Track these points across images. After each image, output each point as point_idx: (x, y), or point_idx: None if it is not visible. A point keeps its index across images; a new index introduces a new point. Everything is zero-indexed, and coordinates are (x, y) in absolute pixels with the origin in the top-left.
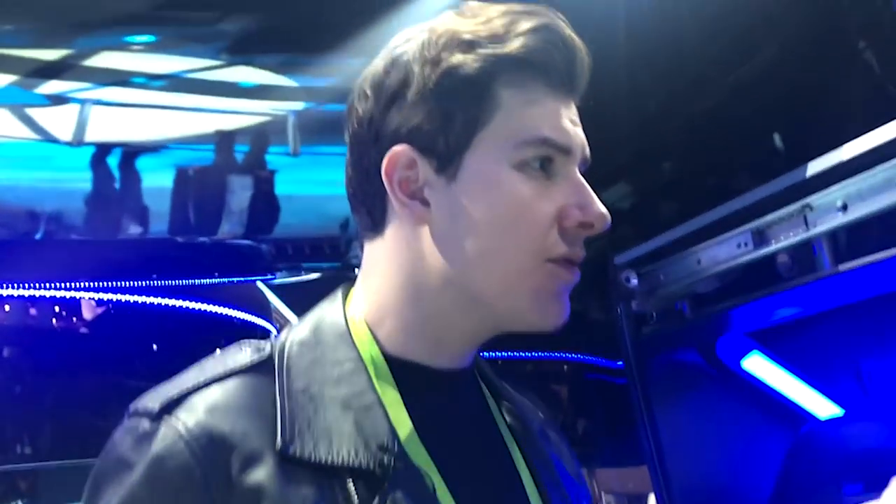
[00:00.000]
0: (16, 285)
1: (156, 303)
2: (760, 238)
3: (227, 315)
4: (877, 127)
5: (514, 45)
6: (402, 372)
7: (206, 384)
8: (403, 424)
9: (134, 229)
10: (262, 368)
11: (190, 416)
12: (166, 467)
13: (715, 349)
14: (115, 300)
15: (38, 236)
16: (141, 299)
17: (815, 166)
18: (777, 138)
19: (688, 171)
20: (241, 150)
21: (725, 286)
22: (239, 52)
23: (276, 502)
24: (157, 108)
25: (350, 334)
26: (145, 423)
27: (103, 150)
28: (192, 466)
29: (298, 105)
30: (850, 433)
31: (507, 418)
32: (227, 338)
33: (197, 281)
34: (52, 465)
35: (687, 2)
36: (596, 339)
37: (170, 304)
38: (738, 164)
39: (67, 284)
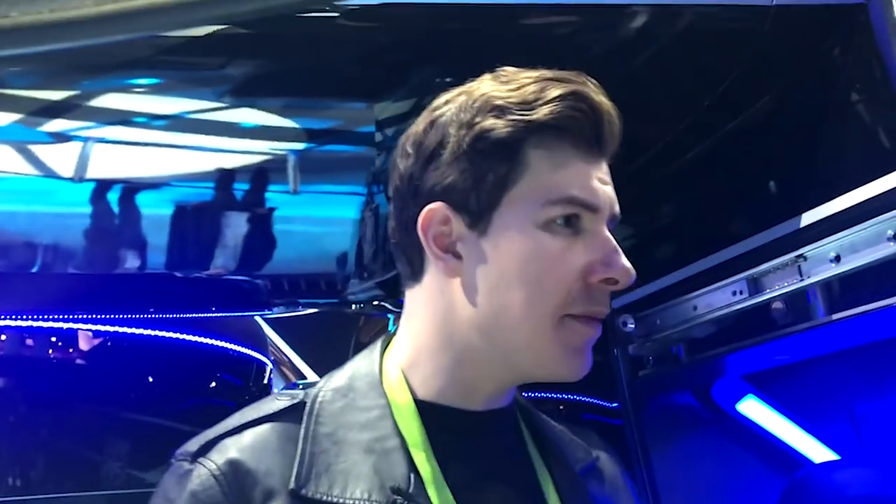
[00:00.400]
0: (14, 316)
1: (153, 335)
2: (755, 286)
3: (224, 348)
4: (869, 181)
5: (542, 112)
6: (432, 415)
7: (240, 429)
8: (427, 467)
9: (132, 263)
10: (294, 413)
11: (221, 456)
12: (201, 500)
13: (710, 392)
14: (112, 332)
15: (36, 268)
16: (138, 332)
17: (809, 217)
18: (773, 187)
19: (684, 217)
20: (240, 188)
21: (721, 331)
22: (242, 94)
23: None
24: (158, 146)
25: (381, 382)
26: (185, 465)
27: (104, 186)
28: (221, 499)
29: (299, 145)
30: (845, 478)
31: (546, 458)
32: (224, 371)
33: (194, 315)
34: (44, 499)
35: (684, 50)
36: (593, 380)
37: (167, 337)
38: (734, 212)
39: (65, 316)
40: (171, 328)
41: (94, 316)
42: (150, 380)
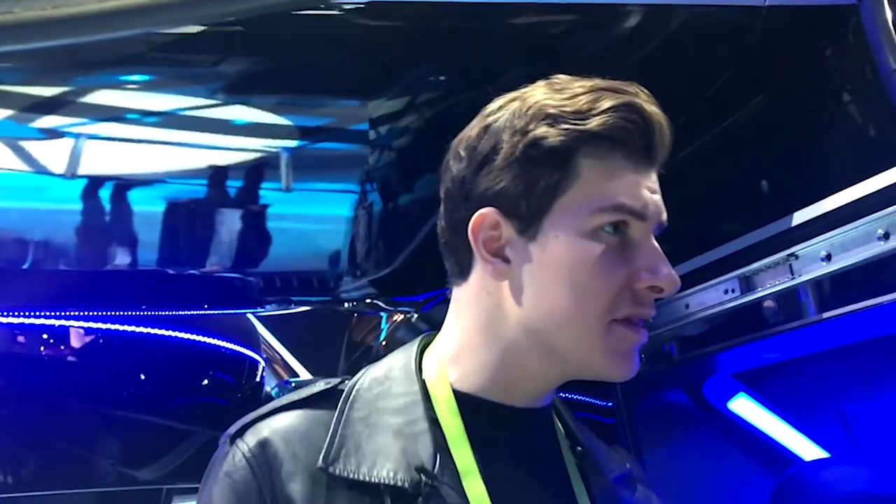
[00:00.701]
0: (5, 313)
1: (145, 333)
2: (747, 285)
3: (216, 346)
4: (859, 180)
5: (595, 122)
6: (471, 407)
7: (275, 411)
8: (463, 457)
9: (124, 260)
10: (330, 399)
11: (253, 438)
12: (234, 479)
13: (702, 391)
14: (103, 329)
15: (27, 265)
16: (130, 329)
17: (800, 217)
18: (764, 186)
19: (677, 216)
20: (233, 186)
21: (713, 330)
22: (235, 91)
23: None
24: (150, 143)
25: (416, 371)
26: (225, 447)
27: (96, 182)
28: (251, 478)
29: (292, 143)
30: (835, 476)
31: (580, 462)
32: (216, 368)
33: (187, 312)
34: (35, 496)
35: (677, 50)
36: (587, 378)
37: (159, 335)
38: (726, 211)
39: (56, 313)
40: (163, 325)
41: (85, 313)
42: (142, 377)
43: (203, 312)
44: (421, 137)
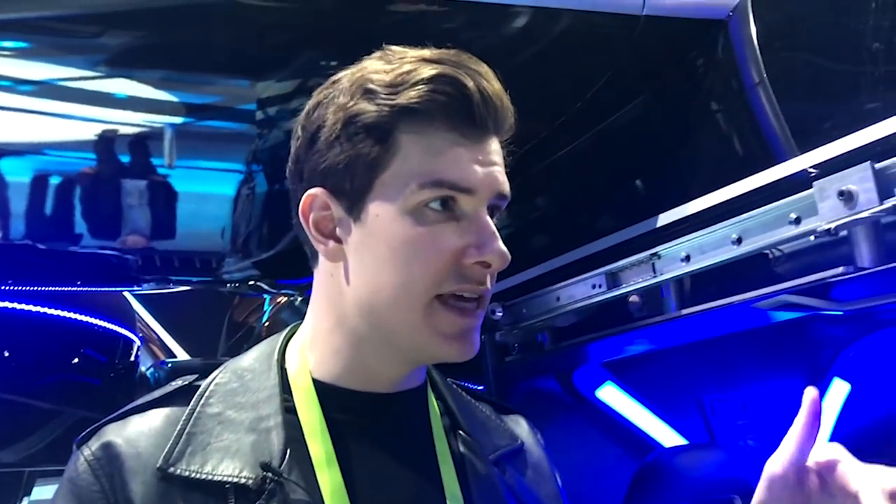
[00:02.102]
0: None
1: (11, 308)
2: (613, 280)
3: (88, 323)
4: (719, 187)
5: (407, 96)
6: (329, 396)
7: (125, 414)
8: (319, 447)
9: None
10: (185, 396)
11: (96, 442)
12: (77, 484)
13: (572, 379)
14: None
15: None
16: None
17: (664, 219)
18: (634, 187)
19: (553, 212)
20: (113, 160)
21: (582, 322)
22: (117, 65)
23: None
24: (24, 112)
25: (277, 362)
26: (75, 451)
27: None
28: (93, 481)
29: (177, 119)
30: (689, 461)
31: (455, 443)
32: (87, 346)
33: (57, 288)
34: None
35: (561, 51)
36: (461, 363)
37: (26, 310)
38: (598, 210)
39: None
40: (30, 301)
41: None
42: (6, 354)
43: (75, 289)
44: None
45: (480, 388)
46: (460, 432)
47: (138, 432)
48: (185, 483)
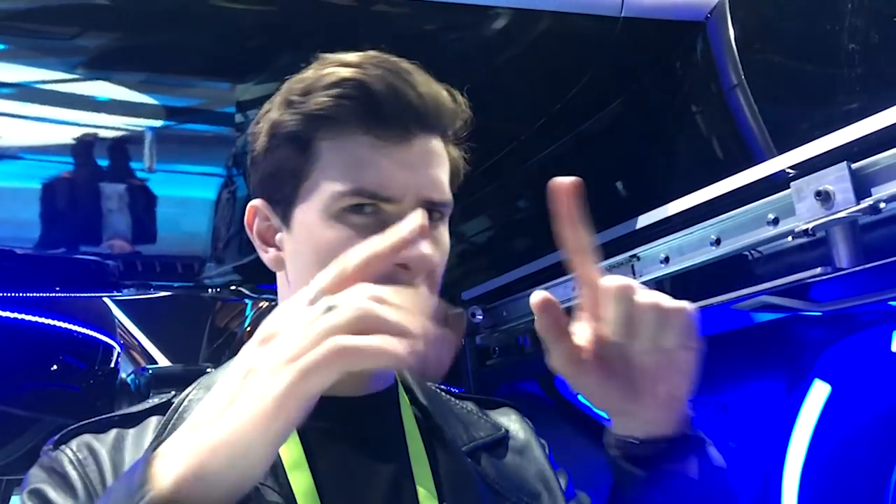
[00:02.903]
0: None
1: None
2: None
3: (67, 329)
4: (698, 188)
5: (317, 101)
6: None
7: (104, 424)
8: (290, 452)
9: None
10: (161, 411)
11: (76, 443)
12: (59, 470)
13: (554, 381)
14: None
15: None
16: None
17: (644, 220)
18: (614, 189)
19: (533, 213)
20: (92, 164)
21: None
22: (96, 67)
23: None
24: (1, 115)
25: None
26: (48, 454)
27: None
28: (76, 474)
29: (157, 122)
30: None
31: (428, 440)
32: (66, 353)
33: (36, 294)
34: None
35: (540, 53)
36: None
37: (4, 317)
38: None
39: None
40: (8, 307)
41: None
42: None
43: (54, 295)
44: None
45: (461, 390)
46: (434, 429)
47: (116, 443)
48: None
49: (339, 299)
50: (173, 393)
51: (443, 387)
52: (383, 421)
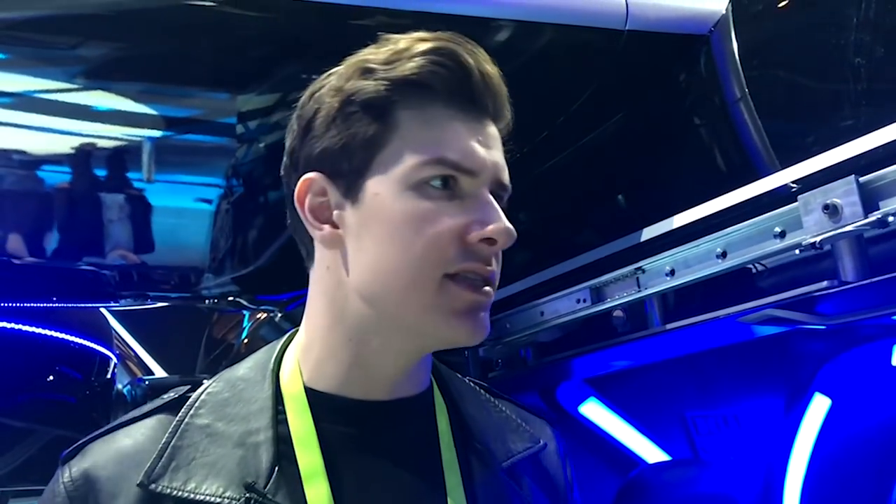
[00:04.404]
0: None
1: None
2: (598, 295)
3: (63, 340)
4: (703, 201)
5: (405, 67)
6: (322, 406)
7: (115, 428)
8: (308, 461)
9: None
10: (175, 407)
11: (77, 463)
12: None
13: (556, 394)
14: None
15: None
16: None
17: (649, 233)
18: (618, 202)
19: (537, 226)
20: (91, 174)
21: (566, 337)
22: (96, 77)
23: None
24: (1, 125)
25: (272, 372)
26: (59, 468)
27: None
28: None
29: (156, 133)
30: (673, 477)
31: (464, 452)
32: (63, 364)
33: (32, 304)
34: None
35: (544, 65)
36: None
37: (1, 327)
38: (582, 224)
39: None
40: (4, 318)
41: None
42: None
43: (51, 305)
44: None
45: None
46: (471, 441)
47: (124, 450)
48: (169, 501)
49: None
50: (190, 387)
51: (481, 383)
52: (414, 427)
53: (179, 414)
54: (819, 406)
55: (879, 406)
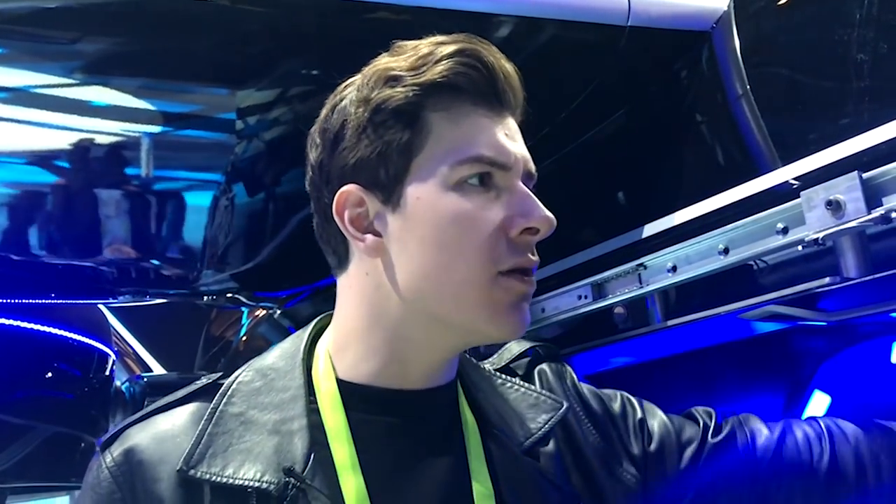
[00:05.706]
0: None
1: None
2: (599, 291)
3: (62, 336)
4: (705, 197)
5: (434, 72)
6: (355, 398)
7: (151, 414)
8: (342, 451)
9: None
10: (210, 393)
11: (119, 447)
12: (98, 492)
13: None
14: None
15: None
16: None
17: (650, 229)
18: (619, 198)
19: None
20: (89, 170)
21: (567, 333)
22: (94, 72)
23: None
24: None
25: (302, 362)
26: (97, 455)
27: None
28: (115, 489)
29: (155, 128)
30: None
31: (486, 439)
32: (61, 360)
33: (31, 301)
34: None
35: (544, 62)
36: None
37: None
38: (583, 220)
39: None
40: (2, 314)
41: None
42: None
43: (49, 302)
44: (290, 131)
45: None
46: (488, 427)
47: (162, 434)
48: (208, 486)
49: None
50: (221, 374)
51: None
52: (445, 415)
53: (213, 402)
54: (819, 403)
55: (879, 403)
